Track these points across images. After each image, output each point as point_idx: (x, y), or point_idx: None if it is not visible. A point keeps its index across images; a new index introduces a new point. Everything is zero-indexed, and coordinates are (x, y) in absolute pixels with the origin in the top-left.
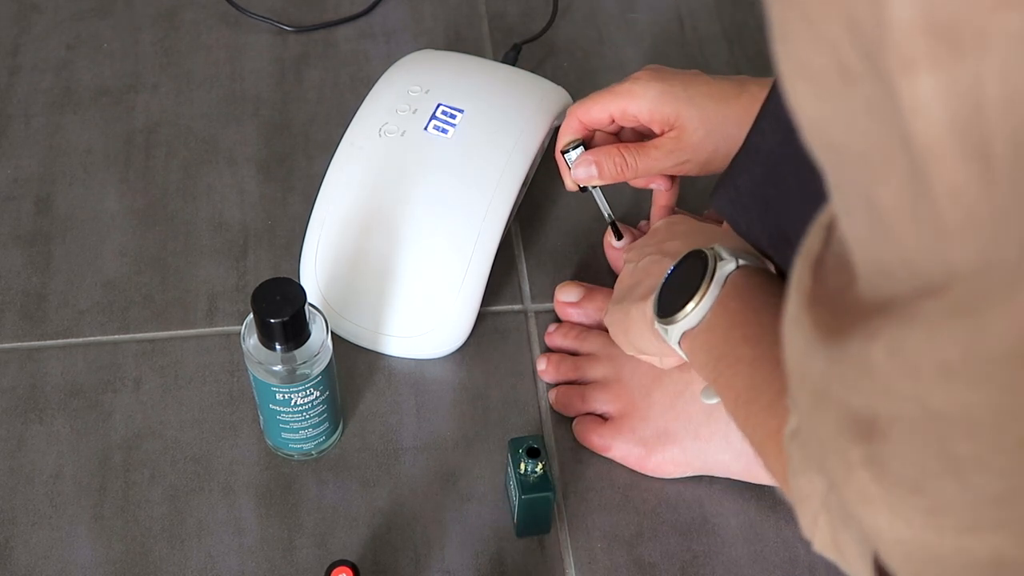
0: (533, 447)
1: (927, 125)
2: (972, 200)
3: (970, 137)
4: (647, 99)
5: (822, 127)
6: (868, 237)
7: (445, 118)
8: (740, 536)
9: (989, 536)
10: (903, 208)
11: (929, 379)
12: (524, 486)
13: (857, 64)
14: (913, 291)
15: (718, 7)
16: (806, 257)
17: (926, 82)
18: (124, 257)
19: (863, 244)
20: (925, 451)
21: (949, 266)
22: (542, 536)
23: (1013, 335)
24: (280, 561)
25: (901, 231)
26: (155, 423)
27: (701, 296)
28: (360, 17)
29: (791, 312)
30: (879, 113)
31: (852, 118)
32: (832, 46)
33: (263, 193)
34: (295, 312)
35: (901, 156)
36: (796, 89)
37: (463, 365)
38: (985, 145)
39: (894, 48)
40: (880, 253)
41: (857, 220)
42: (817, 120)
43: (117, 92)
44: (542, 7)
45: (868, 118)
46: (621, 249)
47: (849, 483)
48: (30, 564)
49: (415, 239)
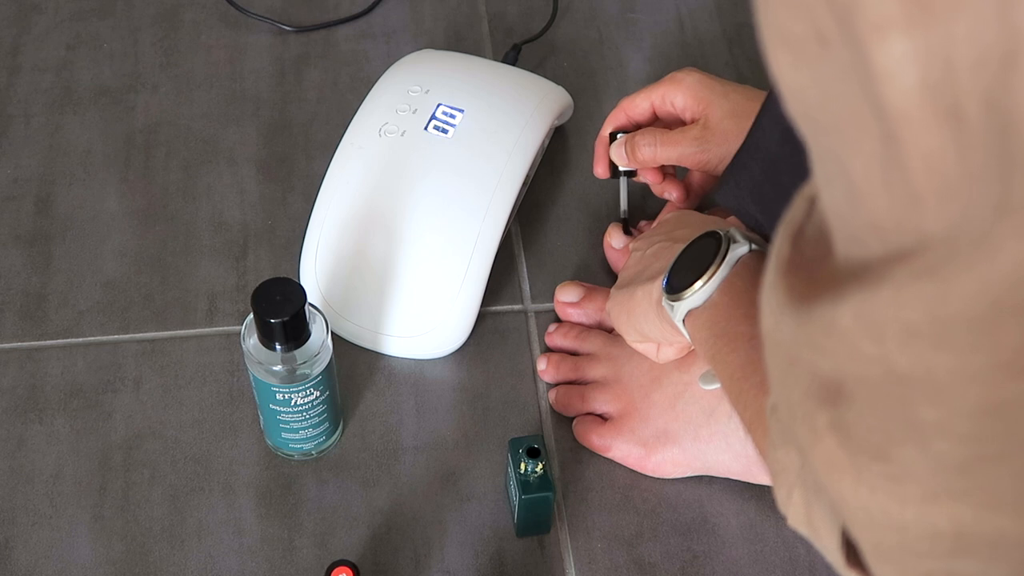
0: (533, 447)
1: (899, 89)
2: (945, 165)
3: (942, 100)
4: (686, 84)
5: (800, 96)
6: (843, 205)
7: (445, 118)
8: (740, 536)
9: (949, 506)
10: (875, 175)
11: (893, 340)
12: (524, 486)
13: (832, 29)
14: (884, 256)
15: (718, 7)
16: (787, 226)
17: (897, 45)
18: (124, 257)
19: (838, 213)
20: (889, 415)
21: (921, 232)
22: (542, 536)
23: (977, 297)
24: (280, 561)
25: (873, 198)
26: (155, 423)
27: (711, 274)
28: (360, 17)
29: (768, 279)
30: (853, 79)
31: (827, 85)
32: (809, 11)
33: (263, 193)
34: (295, 312)
35: (874, 122)
36: (776, 57)
37: (463, 365)
38: (958, 108)
39: (866, 11)
40: (853, 221)
41: (834, 189)
42: (796, 89)
43: (117, 92)
44: (542, 7)
45: (842, 84)
46: (621, 249)
47: (816, 449)
48: (30, 564)
49: (415, 239)
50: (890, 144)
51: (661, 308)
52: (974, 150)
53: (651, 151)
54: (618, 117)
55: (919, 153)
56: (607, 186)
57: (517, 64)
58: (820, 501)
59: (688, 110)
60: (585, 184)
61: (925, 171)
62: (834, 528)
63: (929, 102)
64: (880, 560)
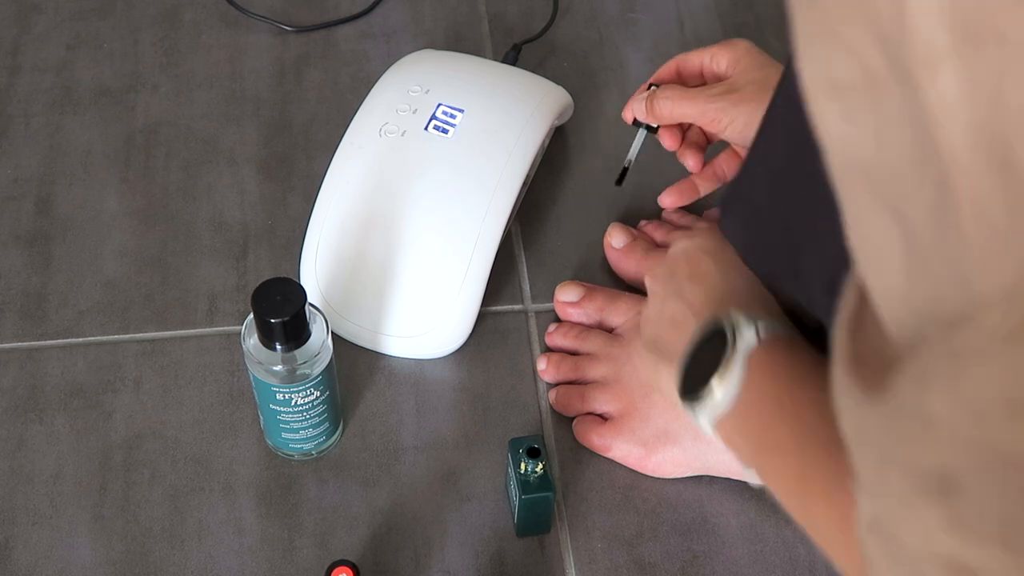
0: (533, 447)
1: (951, 124)
2: (995, 213)
3: (993, 139)
4: (734, 47)
5: (852, 148)
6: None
7: (445, 118)
8: (740, 536)
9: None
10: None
11: (996, 420)
12: (524, 486)
13: (883, 67)
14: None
15: (718, 7)
16: (843, 320)
17: (948, 79)
18: (124, 257)
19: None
20: (1006, 501)
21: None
22: (542, 536)
23: None
24: (280, 561)
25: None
26: (155, 423)
27: (724, 371)
28: (360, 17)
29: (839, 381)
30: (907, 121)
31: (882, 131)
32: (856, 52)
33: (263, 193)
34: (295, 312)
35: (930, 167)
36: (824, 109)
37: (463, 365)
38: (1007, 150)
39: (916, 44)
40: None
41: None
42: (847, 142)
43: (117, 92)
44: (542, 7)
45: (898, 129)
46: (622, 249)
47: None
48: (30, 564)
49: (415, 239)
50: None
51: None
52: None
53: (669, 104)
54: (669, 68)
55: (969, 200)
56: (607, 186)
57: (517, 64)
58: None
59: (728, 73)
60: (585, 184)
61: (975, 220)
62: None
63: (981, 141)
64: None
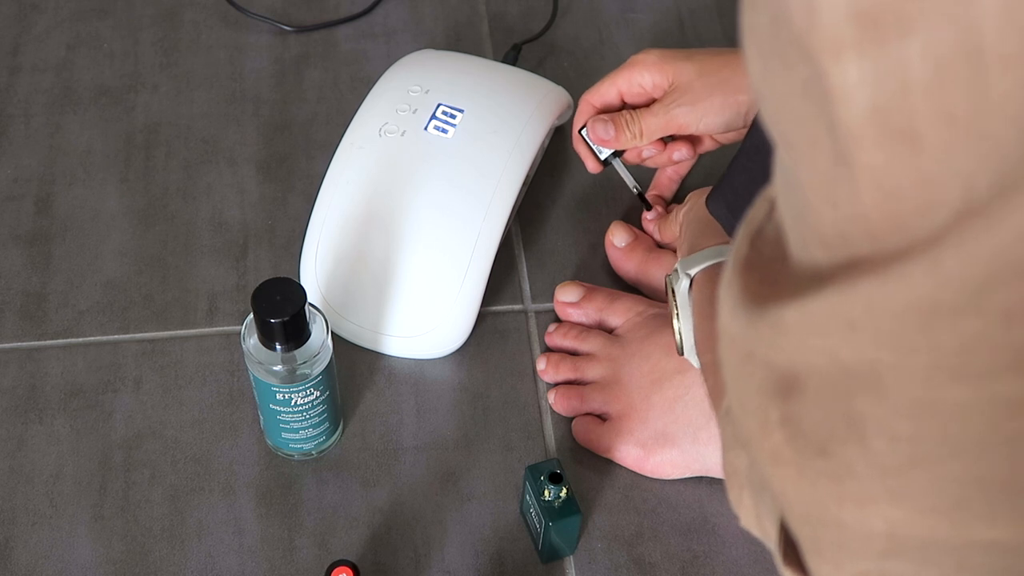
0: (555, 472)
1: (852, 111)
2: (891, 180)
3: (894, 122)
4: (648, 63)
5: (765, 103)
6: (795, 213)
7: (445, 118)
8: (740, 536)
9: (884, 507)
10: (823, 191)
11: (837, 333)
12: (551, 512)
13: (793, 45)
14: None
15: (718, 7)
16: (747, 226)
17: (852, 67)
18: (124, 257)
19: (791, 219)
20: (834, 409)
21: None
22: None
23: (917, 298)
24: (280, 561)
25: (819, 213)
26: (155, 423)
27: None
28: (360, 17)
29: (726, 277)
30: (810, 96)
31: (787, 99)
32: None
33: (263, 193)
34: (295, 312)
35: (827, 141)
36: (751, 61)
37: (463, 365)
38: (912, 129)
39: (822, 31)
40: (802, 230)
41: (788, 197)
42: (762, 96)
43: (117, 92)
44: (542, 7)
45: (800, 100)
46: (623, 249)
47: (765, 443)
48: (30, 564)
49: (415, 239)
50: (840, 163)
51: None
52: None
53: (635, 125)
54: (585, 111)
55: (868, 170)
56: (607, 186)
57: (517, 64)
58: (764, 497)
59: (658, 86)
60: (585, 184)
61: (873, 188)
62: (774, 523)
63: (880, 124)
64: (817, 557)
